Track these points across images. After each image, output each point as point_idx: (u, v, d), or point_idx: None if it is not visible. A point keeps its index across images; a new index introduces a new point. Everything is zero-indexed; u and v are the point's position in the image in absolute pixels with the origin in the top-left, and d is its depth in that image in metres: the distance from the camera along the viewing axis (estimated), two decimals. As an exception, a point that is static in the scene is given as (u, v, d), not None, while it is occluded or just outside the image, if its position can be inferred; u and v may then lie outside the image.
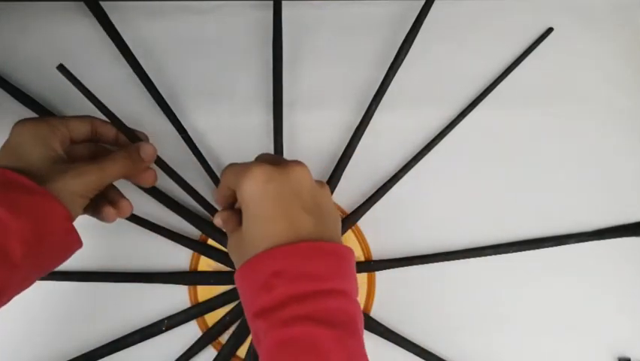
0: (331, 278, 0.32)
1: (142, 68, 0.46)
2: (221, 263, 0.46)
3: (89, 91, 0.45)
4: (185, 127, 0.46)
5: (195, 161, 0.46)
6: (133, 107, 0.47)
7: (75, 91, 0.46)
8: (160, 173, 0.47)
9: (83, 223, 0.46)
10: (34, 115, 0.46)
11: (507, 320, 0.47)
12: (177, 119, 0.46)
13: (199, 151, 0.46)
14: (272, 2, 0.47)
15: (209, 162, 0.46)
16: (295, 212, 0.33)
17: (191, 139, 0.46)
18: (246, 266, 0.33)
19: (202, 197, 0.45)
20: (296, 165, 0.34)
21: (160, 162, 0.43)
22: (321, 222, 0.34)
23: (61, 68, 0.45)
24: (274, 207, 0.33)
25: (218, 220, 0.36)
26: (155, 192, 0.46)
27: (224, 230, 0.38)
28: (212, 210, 0.46)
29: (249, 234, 0.34)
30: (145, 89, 0.47)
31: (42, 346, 0.45)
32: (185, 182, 0.45)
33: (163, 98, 0.46)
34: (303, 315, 0.30)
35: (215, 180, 0.46)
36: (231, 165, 0.36)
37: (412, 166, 0.47)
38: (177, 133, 0.46)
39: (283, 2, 0.47)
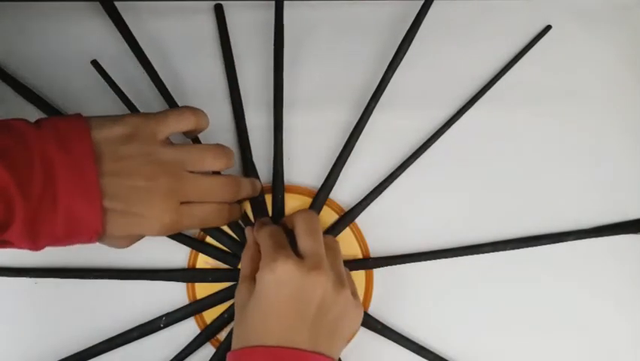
0: None
1: (153, 68, 0.47)
2: (219, 261, 0.47)
3: (120, 89, 0.46)
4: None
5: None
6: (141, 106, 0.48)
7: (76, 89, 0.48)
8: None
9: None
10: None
11: (504, 317, 0.47)
12: None
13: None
14: (272, 2, 0.47)
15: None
16: (297, 319, 0.36)
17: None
18: (238, 354, 0.36)
19: None
20: (319, 274, 0.36)
21: None
22: (319, 334, 0.36)
23: (95, 64, 0.46)
24: (280, 307, 0.36)
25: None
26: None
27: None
28: None
29: (251, 313, 0.37)
30: (152, 89, 0.47)
31: (40, 342, 0.45)
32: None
33: (174, 99, 0.47)
34: None
35: None
36: (264, 232, 0.40)
37: (410, 164, 0.47)
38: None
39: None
